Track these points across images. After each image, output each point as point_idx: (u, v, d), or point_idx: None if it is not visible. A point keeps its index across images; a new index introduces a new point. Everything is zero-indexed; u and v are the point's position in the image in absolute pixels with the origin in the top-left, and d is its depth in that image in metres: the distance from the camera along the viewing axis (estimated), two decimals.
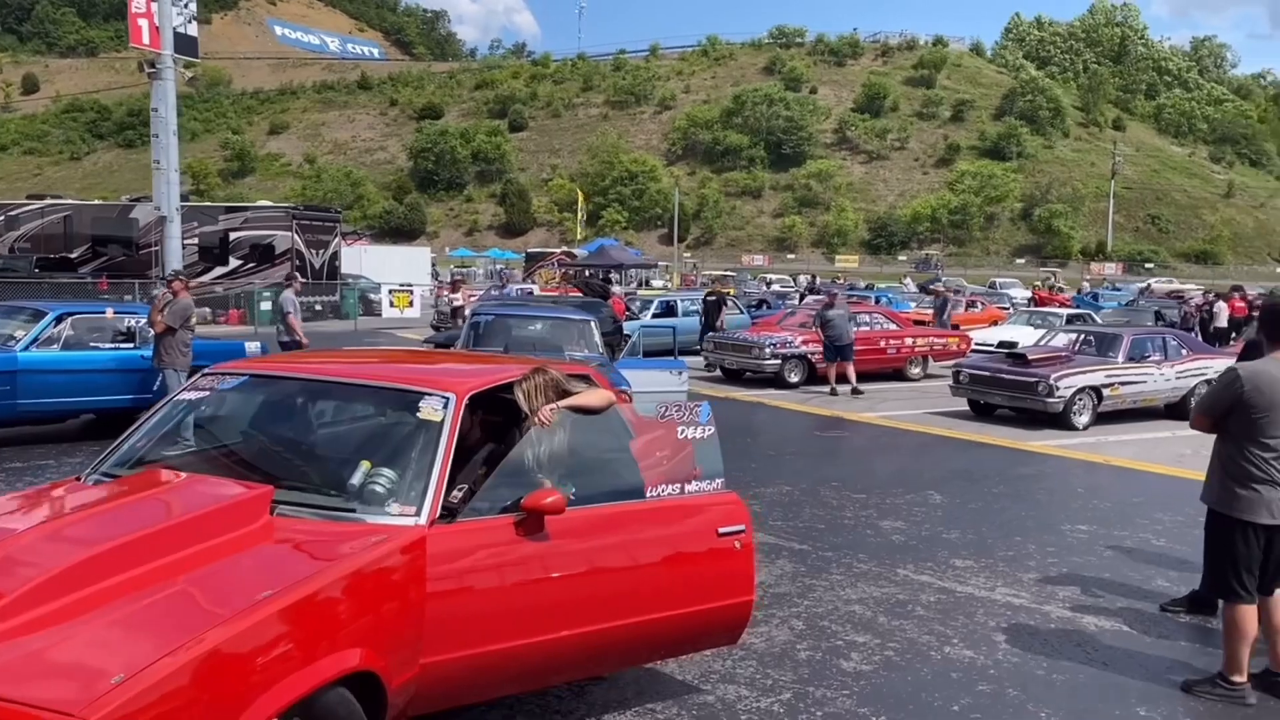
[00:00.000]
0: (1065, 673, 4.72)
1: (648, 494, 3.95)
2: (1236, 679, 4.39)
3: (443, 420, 3.74)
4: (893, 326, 18.87)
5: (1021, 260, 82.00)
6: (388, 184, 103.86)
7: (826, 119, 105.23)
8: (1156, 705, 4.36)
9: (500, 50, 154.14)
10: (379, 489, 3.60)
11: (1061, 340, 15.24)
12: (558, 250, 50.60)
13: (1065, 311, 22.69)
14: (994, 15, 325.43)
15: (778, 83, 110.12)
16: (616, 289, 22.26)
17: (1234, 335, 23.06)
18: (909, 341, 18.58)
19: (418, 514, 3.47)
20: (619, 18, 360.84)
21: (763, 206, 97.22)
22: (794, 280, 52.92)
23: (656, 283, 48.06)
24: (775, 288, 47.01)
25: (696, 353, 18.84)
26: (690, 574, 3.97)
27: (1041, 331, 18.22)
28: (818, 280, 51.41)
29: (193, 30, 19.99)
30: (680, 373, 10.69)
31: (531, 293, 26.87)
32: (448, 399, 3.80)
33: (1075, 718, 4.23)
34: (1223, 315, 23.29)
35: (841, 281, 48.02)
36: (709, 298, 19.68)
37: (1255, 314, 22.22)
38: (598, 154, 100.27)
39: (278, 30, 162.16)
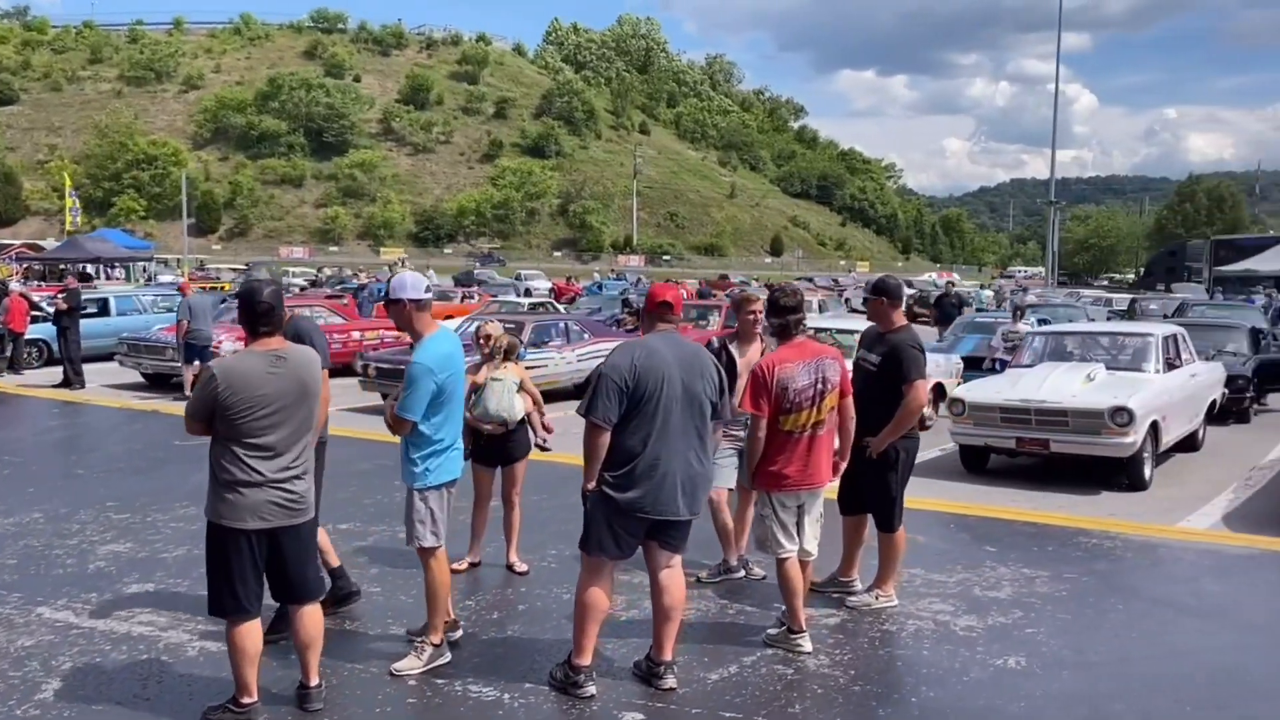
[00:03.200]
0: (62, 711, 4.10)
1: None
2: (245, 700, 4.04)
3: None
4: (339, 320, 18.19)
5: (559, 254, 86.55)
6: None
7: (370, 108, 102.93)
8: None
9: None
10: None
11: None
12: (17, 243, 43.64)
13: (528, 302, 23.56)
14: (535, 18, 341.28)
15: (318, 68, 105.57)
16: (16, 286, 19.10)
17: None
18: (355, 336, 18.01)
19: None
20: None
21: (304, 196, 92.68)
22: (317, 273, 51.00)
23: (165, 277, 43.63)
24: (298, 280, 44.87)
25: (110, 358, 16.86)
26: None
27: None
28: (332, 273, 50.04)
29: None
30: None
31: None
32: None
33: None
34: None
35: (358, 273, 46.89)
36: (60, 299, 17.16)
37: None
38: (108, 134, 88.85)
39: None
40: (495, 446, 6.03)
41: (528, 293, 33.83)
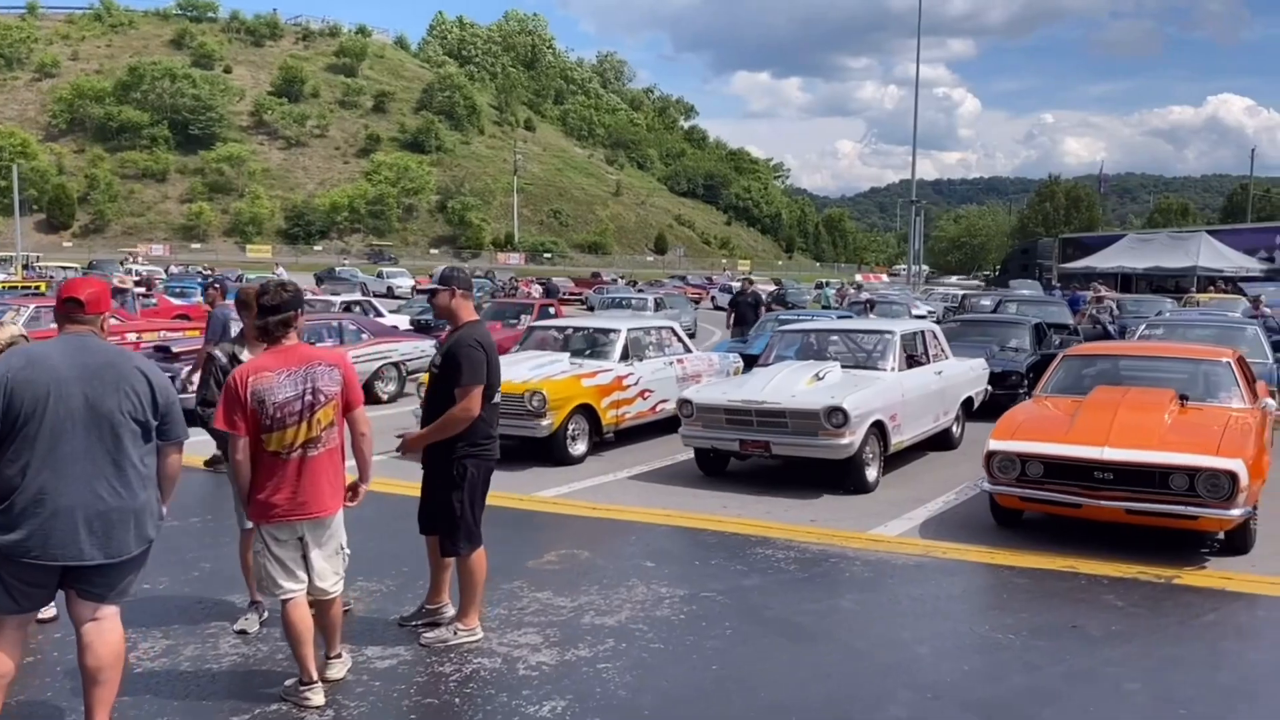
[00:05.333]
0: None
1: None
2: None
3: None
4: (113, 321, 16.94)
5: (437, 250, 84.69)
6: None
7: (241, 100, 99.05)
8: None
9: None
10: None
11: None
12: None
13: (340, 300, 22.45)
14: (420, 11, 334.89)
15: (186, 58, 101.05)
16: None
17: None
18: (131, 338, 16.80)
19: None
20: None
21: (167, 191, 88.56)
22: (165, 270, 48.72)
23: None
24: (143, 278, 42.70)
25: None
26: None
27: None
28: (172, 269, 47.98)
29: None
30: None
31: None
32: None
33: None
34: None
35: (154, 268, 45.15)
36: None
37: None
38: None
39: None
40: None
41: (365, 289, 32.70)
